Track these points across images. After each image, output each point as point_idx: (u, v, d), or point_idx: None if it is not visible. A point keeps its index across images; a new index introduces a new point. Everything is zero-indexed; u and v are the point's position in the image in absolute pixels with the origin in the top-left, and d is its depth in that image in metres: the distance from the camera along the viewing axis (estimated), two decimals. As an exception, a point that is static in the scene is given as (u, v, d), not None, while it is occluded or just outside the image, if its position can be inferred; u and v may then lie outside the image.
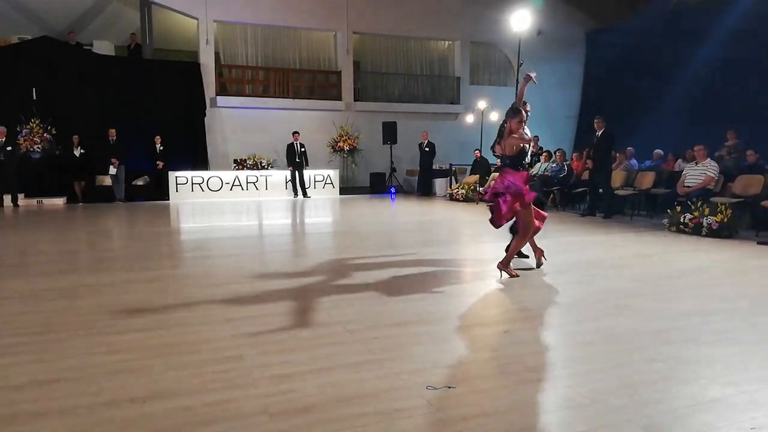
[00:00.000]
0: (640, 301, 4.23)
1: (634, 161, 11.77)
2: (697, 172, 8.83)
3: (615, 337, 3.38)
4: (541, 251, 5.52)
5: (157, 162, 14.27)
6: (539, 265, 5.47)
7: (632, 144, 12.01)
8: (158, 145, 14.31)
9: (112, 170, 13.51)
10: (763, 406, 2.41)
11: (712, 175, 8.68)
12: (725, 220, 7.34)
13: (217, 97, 16.01)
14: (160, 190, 14.27)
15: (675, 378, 2.73)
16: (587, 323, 3.67)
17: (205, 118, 15.83)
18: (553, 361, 2.99)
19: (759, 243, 6.93)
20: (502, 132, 5.25)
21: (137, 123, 14.22)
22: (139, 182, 14.43)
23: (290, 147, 15.02)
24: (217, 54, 16.34)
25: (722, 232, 7.33)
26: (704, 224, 7.43)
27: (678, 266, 5.68)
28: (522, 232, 5.19)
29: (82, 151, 13.48)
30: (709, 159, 8.88)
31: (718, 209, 7.46)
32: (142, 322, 3.64)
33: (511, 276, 5.02)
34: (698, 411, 2.37)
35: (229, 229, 9.18)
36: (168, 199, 14.19)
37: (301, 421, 2.28)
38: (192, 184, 14.51)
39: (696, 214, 7.63)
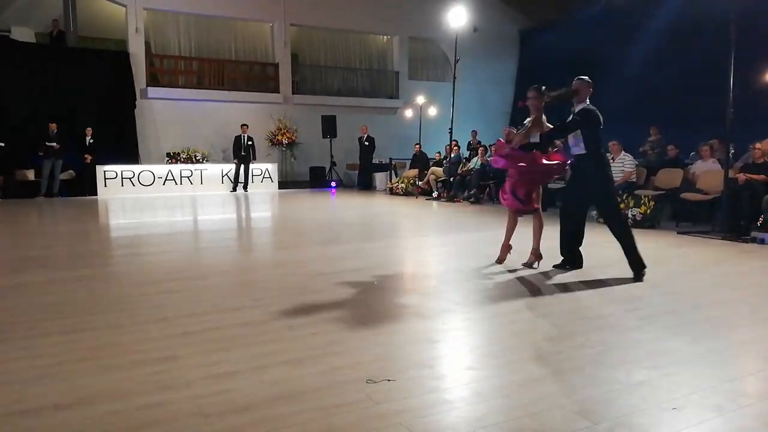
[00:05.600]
0: (571, 291, 4.40)
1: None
2: (617, 169, 9.16)
3: (547, 325, 3.49)
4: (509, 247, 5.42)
5: (85, 155, 13.58)
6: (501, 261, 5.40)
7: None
8: (89, 138, 13.62)
9: None
10: (683, 387, 2.56)
11: (629, 169, 9.01)
12: (648, 211, 7.75)
13: (148, 88, 15.39)
14: (87, 186, 13.58)
15: (603, 363, 2.85)
16: (520, 313, 3.77)
17: (135, 110, 15.18)
18: (487, 351, 3.06)
19: (679, 233, 7.37)
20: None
21: (61, 114, 13.44)
22: (65, 177, 13.67)
23: (237, 139, 14.72)
24: (147, 43, 15.69)
25: (645, 223, 7.75)
26: (629, 216, 7.81)
27: (605, 256, 5.92)
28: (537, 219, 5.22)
29: (1, 144, 12.63)
30: (624, 153, 9.15)
31: (642, 201, 7.87)
32: (68, 324, 3.45)
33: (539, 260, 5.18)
34: (625, 394, 2.48)
35: (163, 225, 8.86)
36: (96, 195, 13.53)
37: (239, 421, 2.22)
38: (122, 178, 13.90)
39: (622, 206, 8.00)
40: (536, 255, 5.22)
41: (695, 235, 7.15)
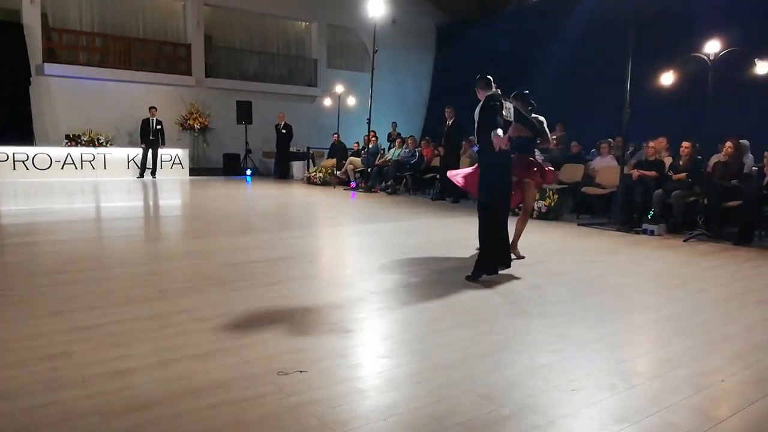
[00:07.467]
0: (479, 281, 4.53)
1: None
2: None
3: (456, 314, 3.59)
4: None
5: (-31, 135, 12.38)
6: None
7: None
8: (-31, 116, 12.41)
9: None
10: (581, 369, 2.72)
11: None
12: (552, 204, 8.17)
13: (45, 64, 14.21)
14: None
15: (508, 348, 2.97)
16: (431, 302, 3.85)
17: (30, 87, 13.99)
18: (399, 340, 3.10)
19: (579, 224, 7.82)
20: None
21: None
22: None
23: (145, 123, 13.95)
24: (44, 15, 14.46)
25: (549, 215, 8.17)
26: (535, 208, 8.19)
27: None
28: (524, 213, 5.45)
29: None
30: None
31: (547, 194, 8.28)
32: (-57, 320, 3.13)
33: (518, 257, 5.23)
34: (528, 377, 2.60)
35: (60, 212, 8.24)
36: (-17, 179, 12.39)
37: (139, 419, 2.11)
38: (14, 161, 12.78)
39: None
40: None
41: (593, 227, 7.62)
